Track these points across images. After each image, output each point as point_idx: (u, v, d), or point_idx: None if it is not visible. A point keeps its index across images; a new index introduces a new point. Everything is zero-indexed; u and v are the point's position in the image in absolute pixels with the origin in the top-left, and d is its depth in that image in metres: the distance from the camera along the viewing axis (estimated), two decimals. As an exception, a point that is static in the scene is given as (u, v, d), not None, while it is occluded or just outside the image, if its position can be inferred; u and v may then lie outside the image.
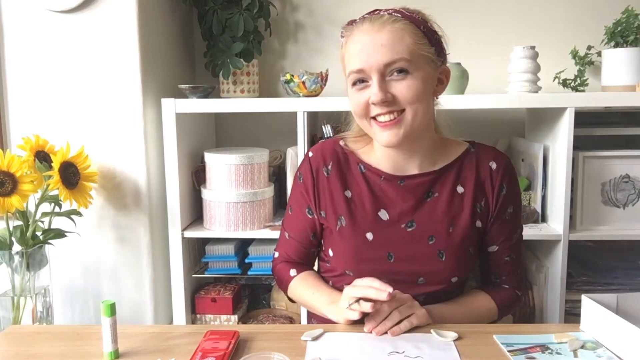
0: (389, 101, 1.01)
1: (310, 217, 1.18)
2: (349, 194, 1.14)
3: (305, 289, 1.17)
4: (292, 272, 1.21)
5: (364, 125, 1.08)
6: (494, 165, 1.14)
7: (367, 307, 0.98)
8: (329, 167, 1.16)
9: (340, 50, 1.10)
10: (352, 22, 1.07)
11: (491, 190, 1.13)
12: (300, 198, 1.19)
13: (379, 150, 1.13)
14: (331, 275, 1.18)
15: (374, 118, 1.04)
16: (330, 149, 1.18)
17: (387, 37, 1.00)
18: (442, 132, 1.19)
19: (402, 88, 1.01)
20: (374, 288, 0.98)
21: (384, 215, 1.12)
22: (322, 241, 1.20)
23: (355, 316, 1.00)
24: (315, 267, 1.27)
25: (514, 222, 1.17)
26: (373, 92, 1.01)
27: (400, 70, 1.01)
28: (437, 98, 1.11)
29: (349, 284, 1.12)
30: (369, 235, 1.12)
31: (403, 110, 1.02)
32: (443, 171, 1.13)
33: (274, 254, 1.28)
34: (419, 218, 1.11)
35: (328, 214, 1.15)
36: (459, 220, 1.11)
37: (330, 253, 1.16)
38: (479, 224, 1.13)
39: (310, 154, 1.19)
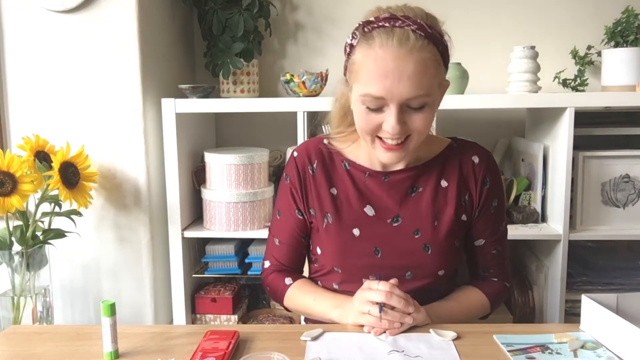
0: (402, 130, 1.01)
1: (300, 217, 1.18)
2: (334, 191, 1.16)
3: (305, 297, 1.16)
4: (287, 280, 1.20)
5: (366, 139, 1.07)
6: (476, 160, 1.15)
7: (391, 316, 0.99)
8: (314, 165, 1.17)
9: (349, 53, 1.04)
10: (369, 26, 0.98)
11: (474, 184, 1.15)
12: (289, 199, 1.19)
13: (368, 148, 1.13)
14: (319, 275, 1.19)
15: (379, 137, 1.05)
16: (315, 147, 1.19)
17: (414, 69, 0.96)
18: None
19: (417, 119, 1.01)
20: (396, 295, 0.99)
21: (370, 210, 1.14)
22: (310, 240, 1.21)
23: (373, 322, 0.99)
24: (306, 270, 1.27)
25: (499, 216, 1.18)
26: (390, 124, 0.99)
27: (419, 104, 1.00)
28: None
29: (337, 282, 1.15)
30: (356, 231, 1.13)
31: (410, 135, 1.03)
32: (427, 166, 1.15)
33: (263, 264, 1.26)
34: (404, 213, 1.13)
35: (315, 211, 1.16)
36: (443, 214, 1.13)
37: (319, 251, 1.17)
38: (464, 217, 1.15)
39: (295, 153, 1.20)
